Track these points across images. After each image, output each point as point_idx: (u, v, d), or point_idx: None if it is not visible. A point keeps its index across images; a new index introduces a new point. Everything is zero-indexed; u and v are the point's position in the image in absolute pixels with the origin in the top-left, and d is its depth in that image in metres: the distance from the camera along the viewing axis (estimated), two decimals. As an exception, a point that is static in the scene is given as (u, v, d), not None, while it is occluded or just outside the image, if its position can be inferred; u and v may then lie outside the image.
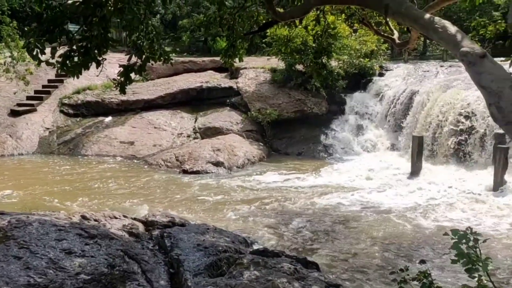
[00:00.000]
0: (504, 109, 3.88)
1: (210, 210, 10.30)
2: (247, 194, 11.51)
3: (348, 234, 8.78)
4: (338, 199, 10.94)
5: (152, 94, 18.70)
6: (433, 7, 6.67)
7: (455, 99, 13.92)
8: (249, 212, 10.06)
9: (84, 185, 12.34)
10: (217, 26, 6.99)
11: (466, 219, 9.46)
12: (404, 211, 10.04)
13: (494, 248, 7.96)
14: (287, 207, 10.41)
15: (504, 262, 7.48)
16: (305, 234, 8.77)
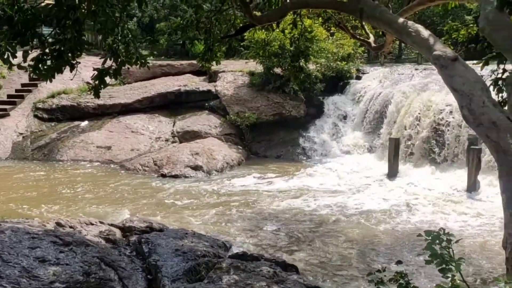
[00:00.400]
0: (475, 111, 3.97)
1: (189, 214, 10.21)
2: (226, 198, 11.46)
3: (327, 236, 8.83)
4: (315, 202, 11.01)
5: (129, 98, 18.47)
6: (407, 11, 6.80)
7: (430, 102, 14.21)
8: (228, 216, 10.02)
9: (59, 191, 12.09)
10: (194, 29, 6.97)
11: (441, 220, 9.64)
12: (381, 212, 10.16)
13: (468, 247, 8.13)
14: (266, 211, 10.41)
15: (478, 261, 7.64)
16: (284, 237, 8.78)
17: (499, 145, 3.76)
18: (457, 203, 10.69)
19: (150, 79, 20.14)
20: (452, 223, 9.42)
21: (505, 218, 3.81)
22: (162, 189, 12.33)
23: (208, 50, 6.75)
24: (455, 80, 4.26)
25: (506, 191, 3.74)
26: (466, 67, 4.33)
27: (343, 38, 17.73)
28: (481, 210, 10.06)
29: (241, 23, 7.32)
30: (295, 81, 13.08)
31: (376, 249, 8.18)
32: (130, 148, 16.15)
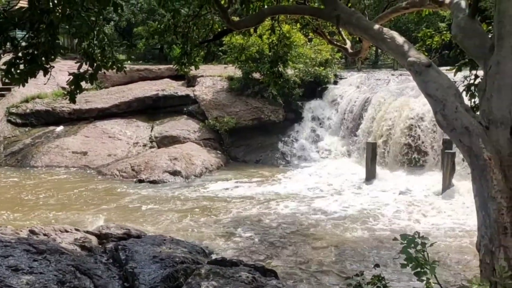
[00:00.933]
0: (449, 116, 4.05)
1: (167, 220, 10.10)
2: (205, 203, 11.40)
3: (305, 240, 8.86)
4: (294, 206, 11.04)
5: (106, 103, 18.22)
6: (382, 18, 6.92)
7: (406, 106, 14.46)
8: (207, 222, 9.96)
9: (33, 198, 11.80)
10: (172, 34, 6.92)
11: (417, 222, 9.80)
12: (359, 216, 10.26)
13: (443, 250, 8.27)
14: (245, 216, 10.39)
15: (453, 263, 7.78)
16: (263, 242, 8.77)
17: (471, 149, 3.85)
18: (432, 206, 10.87)
19: (128, 83, 19.92)
20: (428, 225, 9.58)
21: (478, 220, 3.89)
22: (140, 195, 12.17)
23: (185, 55, 6.71)
24: (429, 86, 4.34)
25: (479, 195, 3.82)
26: (440, 73, 4.42)
27: (321, 44, 17.92)
28: (456, 213, 10.26)
29: (219, 28, 7.32)
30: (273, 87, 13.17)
31: (354, 253, 8.24)
32: (107, 154, 15.91)
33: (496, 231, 3.63)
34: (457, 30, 4.63)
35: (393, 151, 14.23)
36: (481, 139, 3.81)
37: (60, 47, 4.93)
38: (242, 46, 15.19)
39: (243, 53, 14.97)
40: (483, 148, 3.78)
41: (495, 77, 3.90)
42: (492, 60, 3.99)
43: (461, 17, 4.68)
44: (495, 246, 3.62)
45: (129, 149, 16.42)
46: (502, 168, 3.72)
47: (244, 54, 14.85)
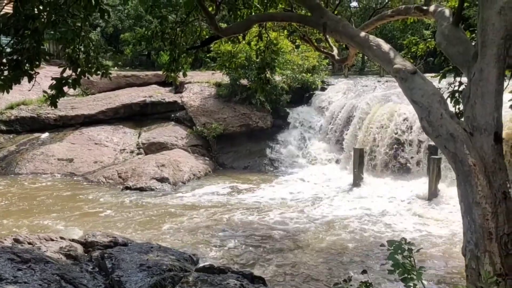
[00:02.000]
0: (434, 123, 4.10)
1: (154, 227, 10.01)
2: (193, 210, 11.33)
3: (293, 246, 8.85)
4: (282, 212, 11.04)
5: (92, 109, 18.06)
6: (368, 26, 7.00)
7: (392, 113, 14.61)
8: (195, 228, 9.89)
9: (18, 206, 11.60)
10: (159, 40, 6.91)
11: (404, 228, 9.86)
12: (347, 222, 10.30)
13: (430, 255, 8.34)
14: (233, 222, 10.35)
15: (440, 268, 7.84)
16: (251, 249, 8.73)
17: (456, 155, 3.89)
18: (419, 211, 10.96)
19: (115, 89, 19.80)
20: (415, 231, 9.65)
21: (463, 225, 3.93)
22: (127, 202, 12.06)
23: (173, 61, 6.70)
24: (414, 93, 4.39)
25: (464, 200, 3.86)
26: (425, 80, 4.48)
27: (308, 51, 18.05)
28: (442, 218, 10.35)
29: (206, 34, 7.32)
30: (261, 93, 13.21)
31: (342, 259, 8.26)
32: (93, 160, 15.75)
33: (481, 236, 3.67)
34: (441, 38, 4.71)
35: (380, 157, 14.35)
36: (466, 145, 3.86)
37: (45, 53, 4.88)
38: (231, 53, 15.22)
39: (232, 60, 15.00)
40: (468, 154, 3.83)
41: (479, 84, 3.96)
42: (475, 68, 4.05)
43: (445, 25, 4.75)
44: (481, 251, 3.66)
45: (116, 155, 16.28)
46: (487, 174, 3.77)
47: (232, 61, 14.89)
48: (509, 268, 3.59)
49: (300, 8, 7.73)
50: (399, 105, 14.63)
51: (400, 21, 7.99)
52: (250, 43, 9.79)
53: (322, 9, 5.60)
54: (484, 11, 4.06)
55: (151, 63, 24.97)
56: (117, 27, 26.01)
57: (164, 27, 6.60)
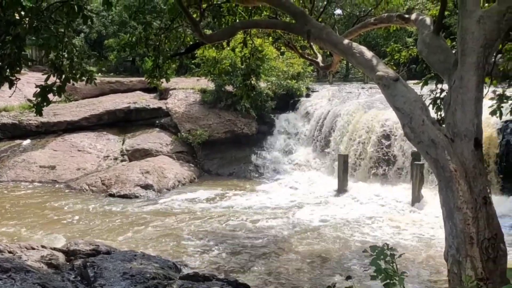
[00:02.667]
0: (416, 129, 4.16)
1: (138, 235, 9.90)
2: (177, 217, 11.24)
3: (277, 252, 8.84)
4: (267, 219, 11.03)
5: (75, 115, 17.86)
6: (352, 33, 7.07)
7: (376, 119, 14.76)
8: (180, 236, 9.81)
9: (-2, 214, 11.37)
10: (143, 47, 6.88)
11: (388, 233, 9.93)
12: (332, 227, 10.34)
13: (413, 260, 8.41)
14: (218, 229, 10.30)
15: (422, 273, 7.91)
16: (236, 255, 8.70)
17: (437, 161, 3.95)
18: (402, 216, 11.07)
19: (98, 96, 19.63)
20: (398, 236, 9.73)
21: (445, 230, 3.98)
22: (110, 209, 11.91)
23: (157, 67, 6.68)
24: (397, 100, 4.44)
25: (446, 205, 3.91)
26: (407, 87, 4.54)
27: (292, 57, 18.16)
28: (425, 223, 10.47)
29: (191, 41, 7.31)
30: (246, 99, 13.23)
31: (327, 264, 8.28)
32: (76, 168, 15.55)
33: (463, 241, 3.72)
34: (422, 45, 4.78)
35: (364, 162, 14.46)
36: (447, 151, 3.92)
37: (27, 59, 4.83)
38: (215, 59, 15.23)
39: (216, 66, 15.01)
40: (449, 160, 3.89)
41: (459, 91, 4.04)
42: (456, 75, 4.13)
43: (426, 33, 4.83)
44: (462, 256, 3.70)
45: (99, 162, 16.09)
46: (467, 180, 3.83)
47: (217, 67, 14.90)
48: (490, 272, 3.64)
49: (284, 16, 7.79)
50: (383, 111, 14.79)
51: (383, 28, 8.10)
52: (235, 49, 9.81)
53: (306, 17, 5.65)
54: (463, 20, 4.15)
55: (135, 69, 24.82)
56: (101, 33, 25.80)
57: (148, 33, 6.57)
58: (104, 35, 25.80)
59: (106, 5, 5.26)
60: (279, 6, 5.97)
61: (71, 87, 17.28)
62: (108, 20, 25.78)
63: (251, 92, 10.71)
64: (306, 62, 17.71)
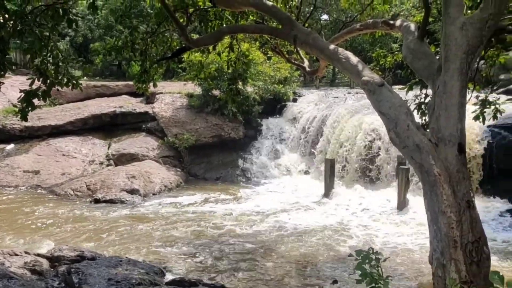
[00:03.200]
0: (401, 134, 4.21)
1: (123, 240, 9.80)
2: (163, 221, 11.16)
3: (264, 257, 8.83)
4: (255, 223, 11.01)
5: (60, 120, 17.65)
6: (338, 38, 7.15)
7: (362, 123, 14.87)
8: (166, 241, 9.74)
9: (-20, 220, 11.15)
10: (130, 51, 6.84)
11: (374, 237, 9.99)
12: (319, 232, 10.36)
13: (399, 264, 8.47)
14: (204, 234, 10.25)
15: (408, 277, 7.97)
16: (223, 260, 8.67)
17: (422, 166, 4.00)
18: (388, 220, 11.15)
19: (84, 100, 19.44)
20: (384, 240, 9.80)
21: (430, 234, 4.03)
22: (95, 214, 11.78)
23: (144, 72, 6.65)
24: (382, 105, 4.50)
25: (430, 209, 3.96)
26: (392, 92, 4.60)
27: (279, 62, 18.23)
28: (410, 227, 10.55)
29: (177, 45, 7.30)
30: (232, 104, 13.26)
31: (314, 269, 8.29)
32: (60, 172, 15.34)
33: (447, 245, 3.77)
34: (407, 51, 4.86)
35: (351, 167, 14.55)
36: (431, 156, 3.98)
37: (11, 62, 4.76)
38: (201, 64, 15.22)
39: (203, 70, 15.00)
40: (433, 164, 3.94)
41: (443, 96, 4.10)
42: (439, 81, 4.20)
43: (411, 39, 4.91)
44: (446, 259, 3.75)
45: (84, 167, 15.91)
46: (451, 184, 3.89)
47: (203, 72, 14.89)
48: (473, 275, 3.69)
49: (271, 21, 7.83)
50: (369, 116, 14.91)
51: (369, 34, 8.20)
52: (221, 54, 9.81)
53: (292, 22, 5.69)
54: (446, 27, 4.22)
55: (121, 73, 24.68)
56: (87, 36, 25.61)
57: (134, 37, 6.54)
58: (90, 38, 25.62)
59: (92, 9, 5.23)
60: (266, 12, 6.00)
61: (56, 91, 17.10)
62: (94, 24, 25.61)
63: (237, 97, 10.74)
64: (293, 67, 17.81)
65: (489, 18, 4.11)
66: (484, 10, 4.16)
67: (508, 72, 15.21)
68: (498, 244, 9.31)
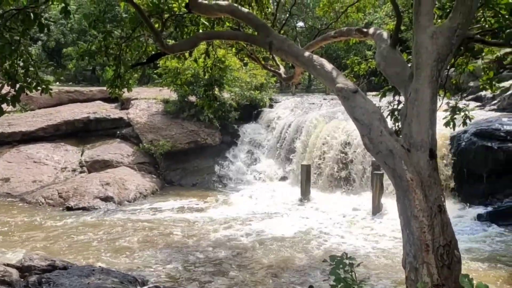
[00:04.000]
0: (374, 140, 4.27)
1: (96, 249, 9.60)
2: (138, 229, 10.99)
3: (241, 264, 8.79)
4: (230, 230, 10.97)
5: (31, 126, 17.23)
6: (313, 45, 7.22)
7: (337, 130, 15.06)
8: (140, 249, 9.59)
9: None
10: (103, 56, 6.73)
11: (349, 242, 10.08)
12: (294, 237, 10.39)
13: (373, 268, 8.57)
14: (180, 241, 10.14)
15: (382, 281, 8.07)
16: (199, 267, 8.59)
17: (395, 171, 4.06)
18: (363, 225, 11.28)
19: (56, 106, 19.05)
20: (359, 245, 9.90)
21: (403, 238, 4.08)
22: (67, 223, 11.50)
23: (118, 77, 6.55)
24: (356, 111, 4.55)
25: (403, 214, 4.02)
26: (365, 99, 4.66)
27: (256, 68, 18.31)
28: (385, 232, 10.70)
29: (153, 50, 7.22)
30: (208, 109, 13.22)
31: (289, 275, 8.30)
32: (31, 180, 14.95)
33: (419, 248, 3.83)
34: (380, 58, 4.94)
35: (326, 173, 14.68)
36: (404, 161, 4.04)
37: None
38: (177, 70, 15.14)
39: (179, 77, 14.92)
40: (406, 169, 4.01)
41: (414, 103, 4.18)
42: (411, 88, 4.28)
43: (384, 47, 5.00)
44: (419, 263, 3.81)
45: (56, 174, 15.55)
46: (423, 188, 3.96)
47: (179, 78, 14.81)
48: (445, 278, 3.76)
49: (247, 27, 7.86)
50: (344, 122, 15.11)
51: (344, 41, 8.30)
52: (197, 60, 9.78)
53: (268, 29, 5.71)
54: (418, 35, 4.32)
55: (96, 79, 24.33)
56: (60, 41, 25.15)
57: (108, 42, 6.44)
58: (63, 43, 25.18)
59: (65, 13, 5.13)
60: (241, 18, 6.02)
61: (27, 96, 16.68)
62: (67, 28, 25.19)
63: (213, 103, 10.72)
64: (269, 73, 17.90)
65: (458, 27, 4.22)
66: (453, 19, 4.27)
67: (477, 80, 15.68)
68: (468, 247, 9.53)
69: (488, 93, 13.61)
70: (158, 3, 6.34)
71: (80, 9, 22.89)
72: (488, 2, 6.26)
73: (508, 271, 8.18)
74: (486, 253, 9.11)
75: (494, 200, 11.37)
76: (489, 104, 14.22)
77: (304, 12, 27.84)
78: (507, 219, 10.85)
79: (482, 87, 8.43)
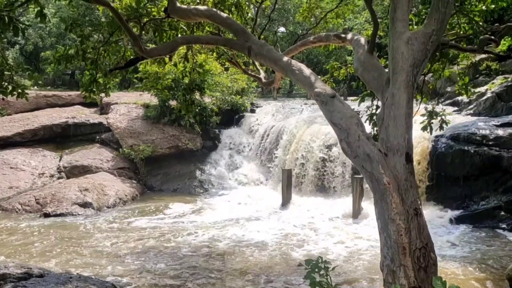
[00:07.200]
0: (352, 144, 4.31)
1: (74, 256, 9.41)
2: (117, 236, 10.83)
3: (220, 269, 8.73)
4: (210, 235, 10.89)
5: (8, 131, 16.88)
6: (293, 50, 7.27)
7: (318, 134, 15.16)
8: (118, 255, 9.44)
9: None
10: (81, 60, 6.64)
11: (329, 245, 10.11)
12: (276, 242, 10.39)
13: (352, 271, 8.61)
14: (158, 247, 10.03)
15: (360, 284, 8.12)
16: (178, 274, 8.49)
17: (372, 175, 4.10)
18: (343, 229, 11.34)
19: (34, 110, 18.73)
20: (339, 248, 9.94)
21: (380, 241, 4.12)
22: (44, 229, 11.26)
23: (94, 82, 6.47)
24: (334, 115, 4.59)
25: (380, 217, 4.06)
26: (343, 103, 4.71)
27: (237, 73, 18.35)
28: (364, 235, 10.78)
29: (131, 55, 7.16)
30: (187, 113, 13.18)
31: (270, 279, 8.27)
32: (7, 186, 14.62)
33: (397, 251, 3.87)
34: (358, 64, 5.00)
35: (307, 177, 14.75)
36: (381, 165, 4.09)
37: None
38: (157, 75, 15.04)
39: (159, 81, 14.83)
40: (383, 173, 4.05)
41: (391, 108, 4.24)
42: (388, 92, 4.34)
43: (361, 52, 5.07)
44: (396, 265, 3.85)
45: (33, 180, 15.24)
46: (400, 192, 4.01)
47: (160, 82, 14.71)
48: (421, 280, 3.80)
49: (227, 32, 7.86)
50: (325, 126, 15.22)
51: (323, 47, 8.38)
52: (177, 64, 9.74)
53: (247, 34, 5.73)
54: (394, 41, 4.39)
55: (75, 83, 24.01)
56: (38, 44, 24.73)
57: (85, 46, 6.36)
58: (41, 47, 24.76)
59: (40, 17, 5.05)
60: (220, 23, 6.02)
61: (4, 101, 16.38)
62: (45, 32, 24.79)
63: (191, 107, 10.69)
64: (251, 78, 17.94)
65: (433, 33, 4.31)
66: (427, 26, 4.36)
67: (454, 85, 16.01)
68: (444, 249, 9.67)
69: (464, 98, 13.88)
70: (137, 7, 6.31)
71: (58, 13, 22.56)
72: (462, 9, 6.42)
73: (483, 273, 8.32)
74: (462, 255, 9.26)
75: (470, 202, 11.59)
76: (465, 108, 14.51)
77: (284, 18, 28.01)
78: (482, 221, 11.07)
79: (458, 92, 8.62)
